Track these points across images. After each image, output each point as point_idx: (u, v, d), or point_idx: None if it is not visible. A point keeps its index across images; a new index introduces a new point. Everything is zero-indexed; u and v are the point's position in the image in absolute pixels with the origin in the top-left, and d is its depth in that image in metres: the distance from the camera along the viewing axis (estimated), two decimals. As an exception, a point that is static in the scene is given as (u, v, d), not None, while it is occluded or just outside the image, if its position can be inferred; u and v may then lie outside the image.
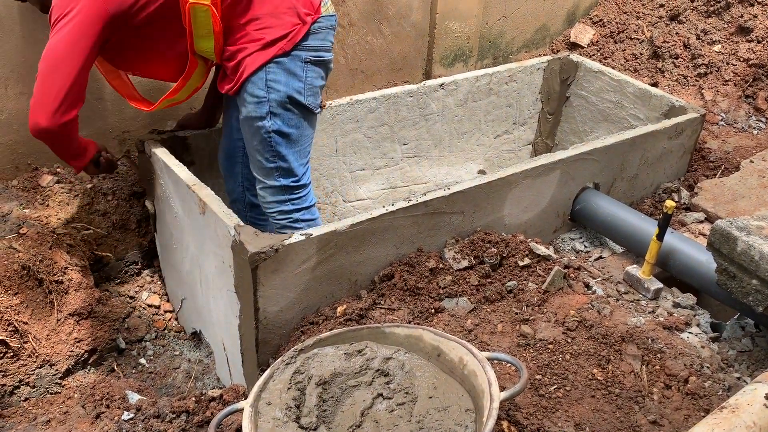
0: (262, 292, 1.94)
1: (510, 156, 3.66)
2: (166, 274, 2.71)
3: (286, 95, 2.18)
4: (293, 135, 2.25)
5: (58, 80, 1.98)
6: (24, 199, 2.64)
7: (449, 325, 2.02)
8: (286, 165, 2.26)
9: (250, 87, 2.17)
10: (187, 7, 2.03)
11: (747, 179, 2.97)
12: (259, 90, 2.16)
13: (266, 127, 2.20)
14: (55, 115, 1.99)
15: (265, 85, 2.16)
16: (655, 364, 1.94)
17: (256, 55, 2.14)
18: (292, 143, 2.25)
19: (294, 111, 2.22)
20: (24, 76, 2.70)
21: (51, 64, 1.99)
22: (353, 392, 1.60)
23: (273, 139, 2.21)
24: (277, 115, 2.19)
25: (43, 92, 1.99)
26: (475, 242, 2.29)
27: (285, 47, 2.15)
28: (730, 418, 1.53)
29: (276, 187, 2.29)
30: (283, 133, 2.22)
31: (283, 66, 2.17)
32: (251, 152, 2.29)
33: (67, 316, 2.29)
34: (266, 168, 2.27)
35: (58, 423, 1.91)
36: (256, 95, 2.17)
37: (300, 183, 2.31)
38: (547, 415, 1.76)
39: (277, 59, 2.15)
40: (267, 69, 2.15)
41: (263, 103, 2.17)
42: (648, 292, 2.30)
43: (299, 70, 2.19)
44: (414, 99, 3.14)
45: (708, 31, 4.02)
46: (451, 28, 4.01)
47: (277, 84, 2.16)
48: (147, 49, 2.19)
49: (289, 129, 2.23)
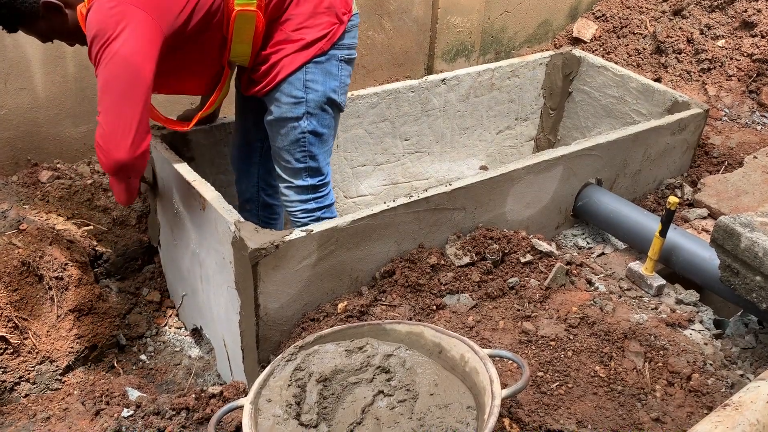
0: (262, 288, 1.93)
1: (512, 152, 3.64)
2: (167, 270, 2.70)
3: (324, 95, 2.16)
4: (325, 135, 2.24)
5: (130, 109, 1.83)
6: (24, 195, 2.63)
7: (450, 322, 2.01)
8: (315, 165, 2.25)
9: (287, 88, 2.13)
10: (234, 14, 1.99)
11: (750, 175, 2.95)
12: (297, 90, 2.13)
13: (302, 127, 2.17)
14: (132, 146, 1.84)
15: (303, 85, 2.13)
16: (658, 361, 1.93)
17: (294, 56, 2.11)
18: (323, 143, 2.24)
19: (329, 111, 2.21)
20: (24, 72, 2.69)
21: (119, 93, 1.83)
22: (354, 389, 1.59)
23: (307, 139, 2.19)
24: (313, 115, 2.17)
25: (116, 124, 1.83)
26: (477, 238, 2.28)
27: (324, 47, 2.12)
28: (733, 416, 1.52)
29: (303, 186, 2.27)
30: (317, 133, 2.20)
31: (321, 66, 2.14)
32: (279, 152, 2.25)
33: (67, 313, 2.28)
34: (295, 168, 2.24)
35: (58, 419, 1.91)
36: (293, 96, 2.14)
37: (325, 181, 2.30)
38: (549, 413, 1.75)
39: (316, 59, 2.13)
40: (306, 69, 2.12)
41: (301, 104, 2.15)
42: (651, 289, 2.29)
43: (335, 69, 2.17)
44: (416, 94, 3.13)
45: (711, 26, 4.00)
46: (453, 22, 3.99)
47: (316, 84, 2.14)
48: (184, 65, 2.11)
49: (323, 129, 2.21)
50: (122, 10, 1.82)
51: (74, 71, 2.83)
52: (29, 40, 2.61)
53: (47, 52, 2.70)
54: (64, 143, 2.93)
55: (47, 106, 2.81)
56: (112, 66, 1.81)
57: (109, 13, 1.82)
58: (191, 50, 2.05)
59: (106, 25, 1.81)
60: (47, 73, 2.75)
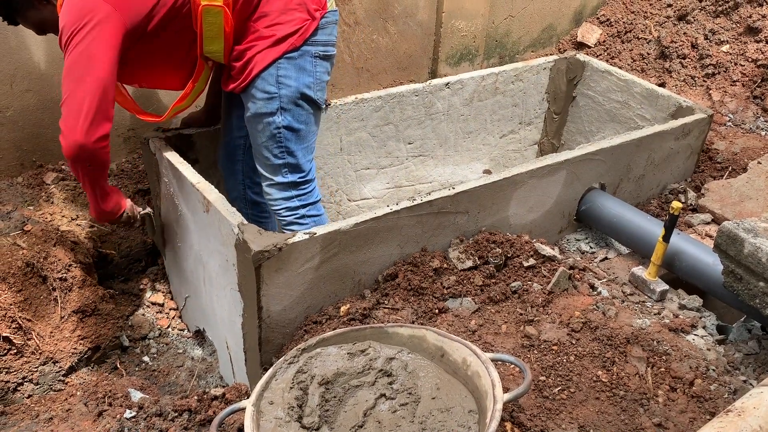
0: (265, 290, 1.93)
1: (516, 156, 3.64)
2: (171, 272, 2.70)
3: (297, 91, 2.19)
4: (302, 131, 2.26)
5: (86, 94, 1.92)
6: (29, 197, 2.64)
7: (453, 326, 2.01)
8: (294, 161, 2.27)
9: (260, 83, 2.17)
10: (200, 9, 2.02)
11: (754, 181, 2.95)
12: (270, 86, 2.17)
13: (276, 122, 2.20)
14: (89, 130, 1.92)
15: (275, 81, 2.16)
16: (661, 367, 1.93)
17: (266, 52, 2.15)
18: (300, 139, 2.26)
19: (304, 107, 2.23)
20: (30, 74, 2.70)
21: (76, 78, 1.93)
22: (356, 392, 1.59)
23: (282, 134, 2.22)
24: (287, 110, 2.20)
25: (72, 109, 1.93)
26: (480, 242, 2.28)
27: (296, 43, 2.16)
28: (736, 422, 1.52)
29: (283, 183, 2.29)
30: (293, 129, 2.23)
31: (294, 62, 2.17)
32: (258, 149, 2.29)
33: (70, 314, 2.29)
34: (274, 164, 2.27)
35: (61, 420, 1.91)
36: (266, 91, 2.17)
37: (307, 178, 2.32)
38: (551, 417, 1.74)
39: (288, 55, 2.16)
40: (278, 65, 2.16)
41: (274, 99, 2.18)
42: (654, 294, 2.28)
43: (309, 65, 2.20)
44: (419, 98, 3.13)
45: (716, 32, 3.99)
46: (458, 26, 4.00)
47: (288, 80, 2.17)
48: (155, 59, 2.17)
49: (299, 125, 2.24)
50: (88, 2, 1.91)
51: (80, 73, 2.83)
52: (35, 42, 2.62)
53: (53, 53, 2.71)
54: (69, 145, 2.94)
55: (53, 108, 2.82)
56: (74, 55, 1.92)
57: (78, 5, 1.92)
58: (161, 45, 2.10)
59: (74, 17, 1.92)
60: (53, 75, 2.76)
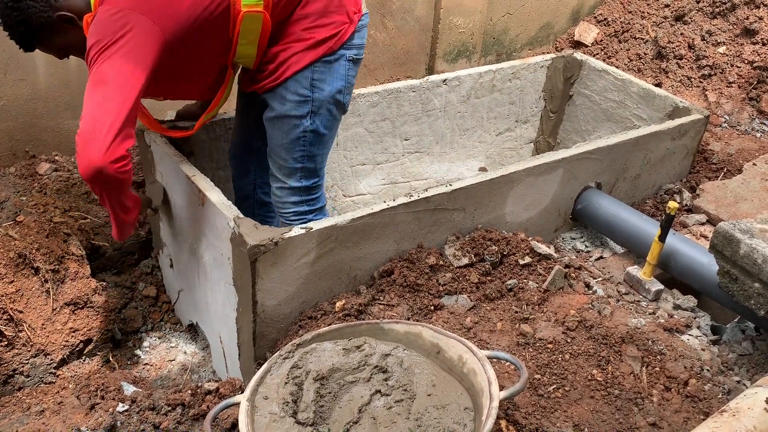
0: (260, 285, 1.92)
1: (512, 154, 3.64)
2: (163, 265, 2.69)
3: (330, 95, 2.14)
4: (326, 136, 2.22)
5: (113, 110, 1.73)
6: (21, 187, 2.62)
7: (449, 323, 2.01)
8: (312, 165, 2.23)
9: (293, 85, 2.11)
10: (241, 15, 1.95)
11: (749, 182, 2.96)
12: (304, 89, 2.11)
13: (304, 126, 2.15)
14: (109, 151, 1.71)
15: (310, 84, 2.11)
16: (655, 366, 1.93)
17: (302, 54, 2.08)
18: (323, 144, 2.22)
19: (332, 111, 2.19)
20: (23, 63, 2.68)
21: (104, 93, 1.75)
22: (351, 388, 1.59)
23: (308, 138, 2.17)
24: (317, 114, 2.15)
25: (93, 126, 1.73)
26: (476, 240, 2.27)
27: (333, 46, 2.10)
28: (730, 422, 1.52)
29: (296, 188, 2.25)
30: (319, 134, 2.18)
31: (330, 65, 2.12)
32: (276, 150, 2.22)
33: (62, 306, 2.27)
34: (291, 168, 2.22)
35: (52, 413, 1.89)
36: (299, 93, 2.11)
37: (318, 183, 2.29)
38: (545, 415, 1.74)
39: (325, 58, 2.10)
40: (313, 68, 2.10)
41: (306, 102, 2.12)
42: (649, 294, 2.28)
43: (343, 69, 2.15)
44: (416, 94, 3.12)
45: (713, 33, 4.00)
46: (455, 23, 3.99)
47: (323, 83, 2.12)
48: (183, 69, 2.05)
49: (324, 130, 2.20)
50: (124, 15, 1.79)
51: (75, 63, 2.81)
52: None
53: (48, 43, 2.69)
54: (63, 135, 2.92)
55: (47, 97, 2.80)
56: (103, 68, 1.76)
57: (111, 20, 1.79)
58: (192, 55, 2.00)
59: (107, 31, 1.78)
60: (47, 65, 2.74)
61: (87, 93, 1.78)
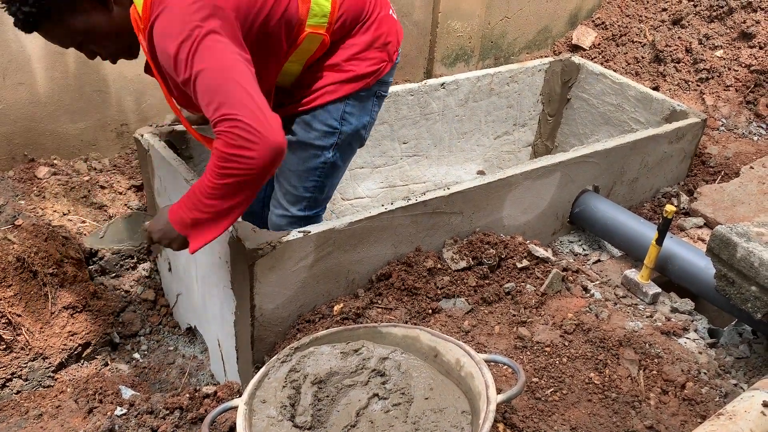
0: (258, 288, 1.92)
1: (509, 157, 3.65)
2: (162, 268, 2.69)
3: (356, 130, 2.12)
4: (341, 169, 2.20)
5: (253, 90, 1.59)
6: (20, 191, 2.62)
7: (446, 326, 2.01)
8: (320, 197, 2.20)
9: (323, 115, 2.05)
10: (304, 35, 1.90)
11: (747, 185, 2.96)
12: (333, 120, 2.07)
13: (325, 157, 2.11)
14: (277, 125, 1.59)
15: (340, 116, 2.07)
16: (653, 369, 1.94)
17: (339, 86, 2.03)
18: (335, 176, 2.20)
19: (353, 146, 2.17)
20: (22, 66, 2.68)
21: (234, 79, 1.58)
22: (349, 392, 1.59)
23: (324, 169, 2.13)
24: (340, 147, 2.12)
25: (253, 108, 1.57)
26: (474, 243, 2.28)
27: (370, 82, 2.07)
28: (727, 425, 1.52)
29: (297, 217, 2.20)
30: (336, 166, 2.16)
31: (361, 100, 2.09)
32: (287, 175, 2.15)
33: (61, 309, 2.27)
34: (299, 196, 2.17)
35: (50, 417, 1.89)
36: (328, 124, 2.07)
37: (319, 214, 2.26)
38: (543, 419, 1.75)
39: (361, 93, 2.07)
40: (347, 102, 2.06)
41: (333, 135, 2.08)
42: (646, 297, 2.29)
43: (370, 104, 2.13)
44: (415, 98, 3.13)
45: (710, 36, 4.02)
46: (453, 27, 4.00)
47: (352, 117, 2.09)
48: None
49: (342, 163, 2.18)
50: (206, 3, 1.60)
51: (74, 67, 2.82)
52: (29, 35, 2.60)
53: (47, 47, 2.69)
54: (62, 139, 2.92)
55: (46, 101, 2.80)
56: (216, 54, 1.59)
57: (192, 8, 1.59)
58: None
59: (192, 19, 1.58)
60: (47, 69, 2.74)
61: (214, 83, 1.58)
